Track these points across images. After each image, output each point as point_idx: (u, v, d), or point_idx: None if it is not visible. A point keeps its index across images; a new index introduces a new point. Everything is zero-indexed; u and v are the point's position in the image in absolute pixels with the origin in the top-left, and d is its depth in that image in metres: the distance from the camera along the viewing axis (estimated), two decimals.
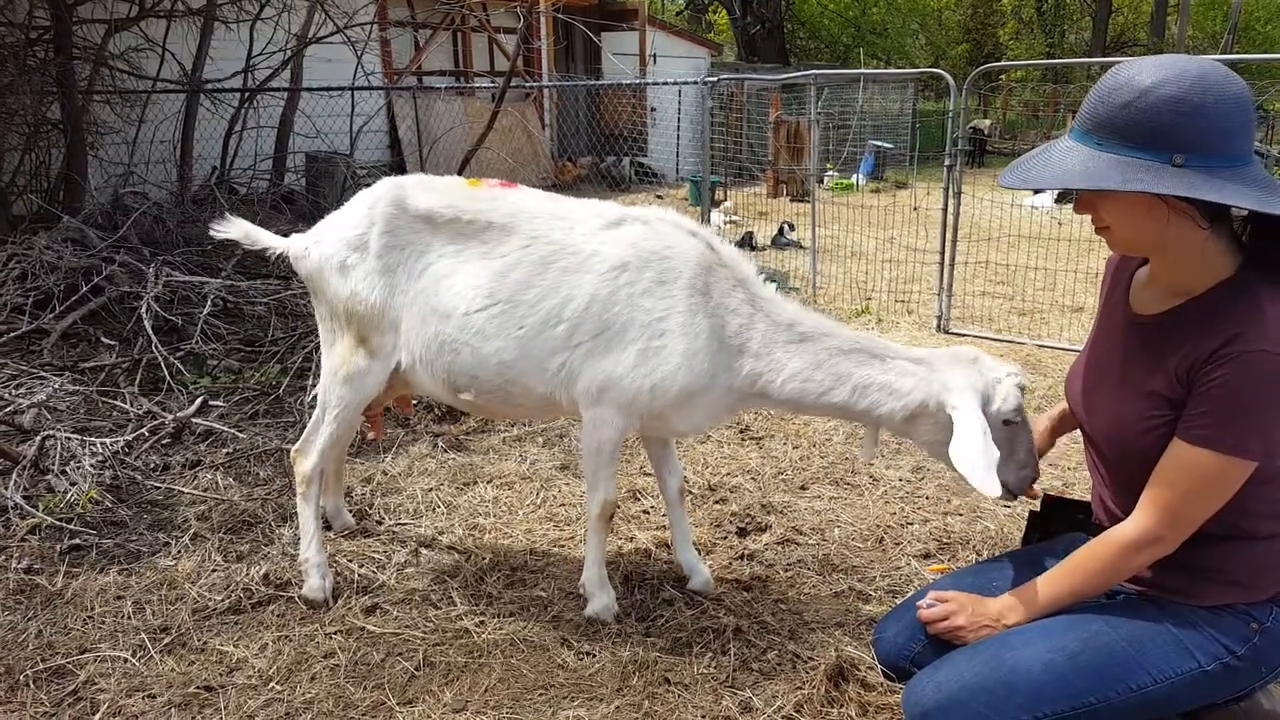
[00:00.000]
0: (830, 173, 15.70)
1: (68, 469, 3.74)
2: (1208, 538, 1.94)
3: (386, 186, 2.86)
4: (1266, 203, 1.73)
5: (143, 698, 2.51)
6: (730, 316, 2.59)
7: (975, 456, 2.26)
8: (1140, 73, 1.77)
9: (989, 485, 2.23)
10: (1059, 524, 2.44)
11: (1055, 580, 2.11)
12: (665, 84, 10.95)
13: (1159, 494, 1.92)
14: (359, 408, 2.94)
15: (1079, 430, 2.28)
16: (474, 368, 2.72)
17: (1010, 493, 2.45)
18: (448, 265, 2.75)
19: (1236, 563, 1.96)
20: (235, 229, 2.95)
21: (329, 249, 2.83)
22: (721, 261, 2.64)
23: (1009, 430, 2.39)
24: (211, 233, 2.99)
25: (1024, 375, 2.47)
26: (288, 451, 3.25)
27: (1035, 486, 2.47)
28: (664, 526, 3.44)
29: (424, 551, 3.30)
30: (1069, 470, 3.95)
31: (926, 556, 3.26)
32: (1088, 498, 2.40)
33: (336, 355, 2.90)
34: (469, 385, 2.76)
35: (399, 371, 2.87)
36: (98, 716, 2.43)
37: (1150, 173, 1.75)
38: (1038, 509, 2.53)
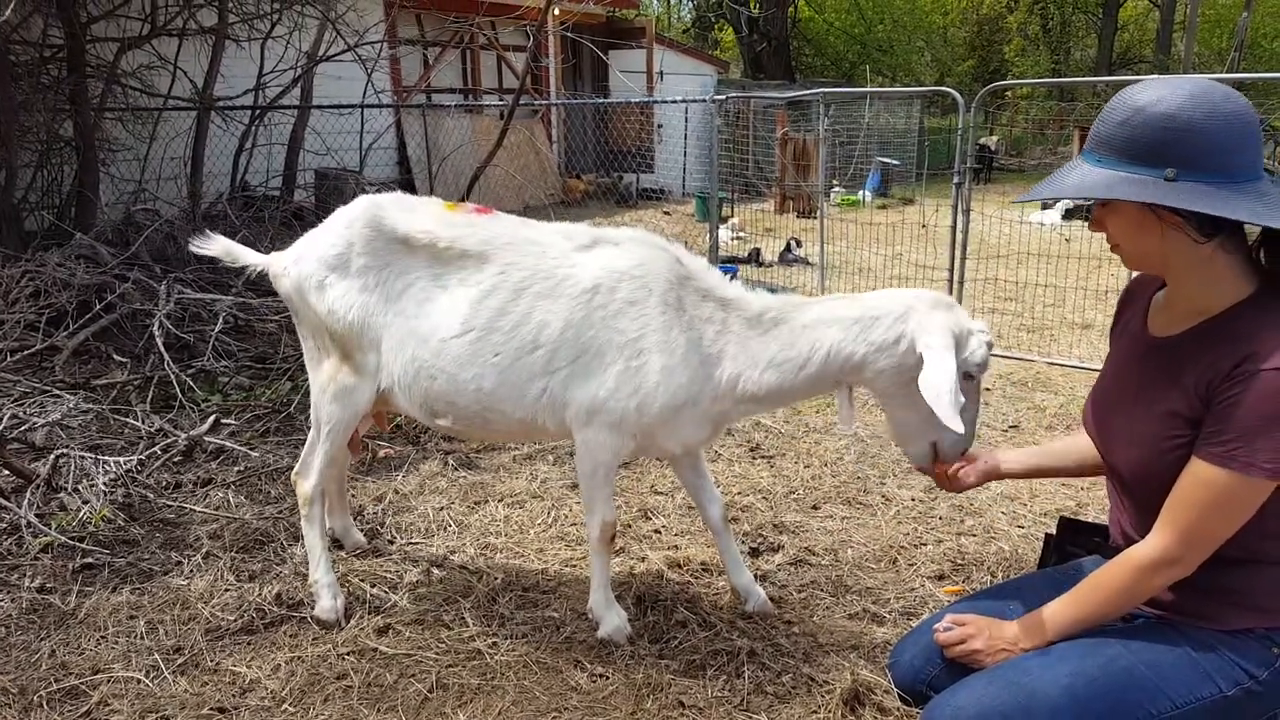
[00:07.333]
0: (837, 189, 15.74)
1: (80, 487, 3.75)
2: (1228, 561, 1.93)
3: (364, 206, 2.84)
4: (1260, 215, 1.74)
5: (156, 719, 2.50)
6: (705, 326, 2.60)
7: (945, 385, 2.27)
8: (1138, 92, 1.83)
9: (953, 416, 2.25)
10: (1075, 547, 2.43)
11: (1073, 603, 2.10)
12: (673, 102, 10.99)
13: (1176, 514, 1.91)
14: (351, 424, 2.93)
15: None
16: (450, 394, 2.71)
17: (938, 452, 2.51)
18: (425, 289, 2.75)
19: (1257, 587, 1.95)
20: (216, 246, 2.96)
21: (307, 268, 2.82)
22: (690, 274, 2.64)
23: (965, 386, 2.39)
24: (192, 249, 3.00)
25: (992, 337, 2.49)
26: None
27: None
28: (676, 546, 3.43)
29: (436, 571, 3.29)
30: (1082, 491, 3.93)
31: (940, 578, 3.25)
32: (1103, 520, 2.40)
33: (324, 373, 2.90)
34: (446, 411, 2.76)
35: (380, 391, 2.86)
36: None
37: (1138, 186, 1.80)
38: (1054, 530, 2.51)
